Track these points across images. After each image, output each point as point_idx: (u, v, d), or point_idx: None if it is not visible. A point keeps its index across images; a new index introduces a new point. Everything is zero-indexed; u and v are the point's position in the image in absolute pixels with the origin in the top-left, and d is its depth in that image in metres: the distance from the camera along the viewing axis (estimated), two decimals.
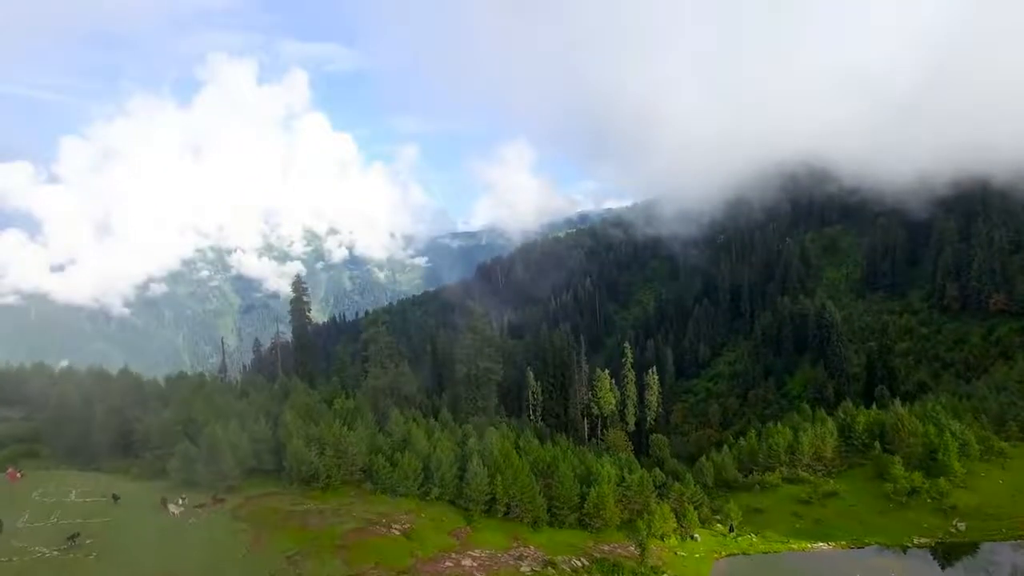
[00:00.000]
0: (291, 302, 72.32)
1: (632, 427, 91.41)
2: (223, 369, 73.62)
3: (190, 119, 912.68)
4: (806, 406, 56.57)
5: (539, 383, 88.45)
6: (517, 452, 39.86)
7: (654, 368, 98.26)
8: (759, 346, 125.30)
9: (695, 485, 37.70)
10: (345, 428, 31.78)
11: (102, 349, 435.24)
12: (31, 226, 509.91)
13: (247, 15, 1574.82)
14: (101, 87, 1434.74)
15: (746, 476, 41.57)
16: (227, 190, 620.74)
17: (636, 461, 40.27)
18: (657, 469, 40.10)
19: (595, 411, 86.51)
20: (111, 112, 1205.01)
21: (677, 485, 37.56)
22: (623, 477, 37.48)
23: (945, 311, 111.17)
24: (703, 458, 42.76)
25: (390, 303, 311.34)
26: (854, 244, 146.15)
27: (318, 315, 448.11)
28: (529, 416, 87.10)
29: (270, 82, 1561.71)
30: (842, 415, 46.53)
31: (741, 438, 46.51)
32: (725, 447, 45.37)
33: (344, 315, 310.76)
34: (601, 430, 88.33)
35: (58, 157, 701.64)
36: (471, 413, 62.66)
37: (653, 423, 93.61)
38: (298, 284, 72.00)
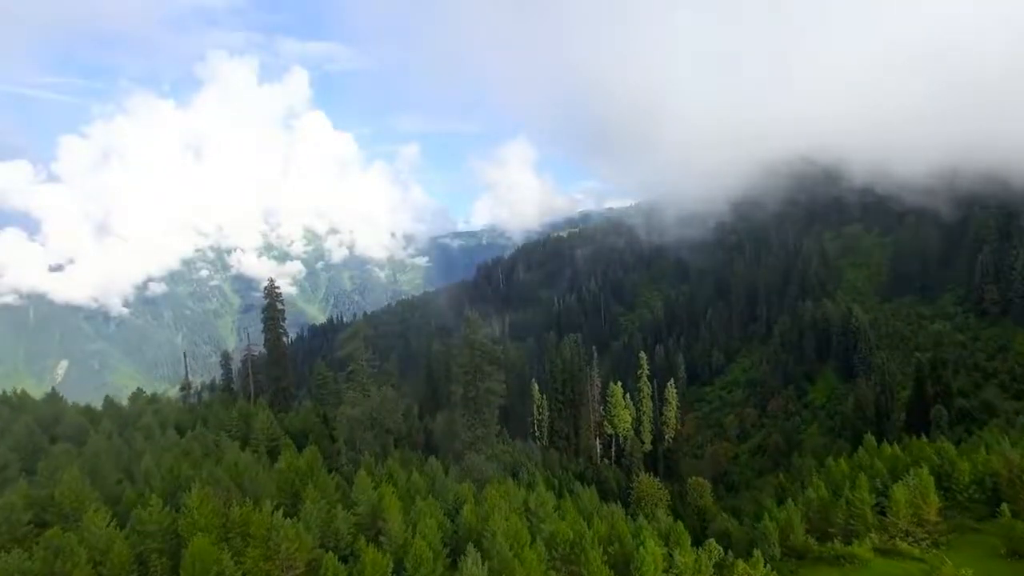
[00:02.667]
0: (263, 310, 61.69)
1: (648, 446, 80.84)
2: (186, 386, 63.08)
3: (190, 118, 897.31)
4: (870, 437, 46.12)
5: (544, 396, 77.93)
6: (527, 518, 29.38)
7: (672, 380, 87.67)
8: (778, 352, 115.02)
9: (764, 564, 27.47)
10: (279, 514, 21.16)
11: (101, 349, 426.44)
12: (30, 225, 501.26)
13: (248, 14, 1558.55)
14: (100, 86, 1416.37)
15: (822, 543, 31.35)
16: (227, 189, 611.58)
17: (683, 528, 29.67)
18: (714, 543, 29.74)
19: (608, 430, 75.87)
20: (110, 111, 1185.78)
21: (742, 564, 27.34)
22: (670, 555, 27.24)
23: (984, 316, 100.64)
24: (766, 519, 32.15)
25: (389, 304, 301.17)
26: (876, 244, 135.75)
27: (318, 315, 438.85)
28: (535, 437, 76.52)
29: (270, 81, 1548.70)
30: (935, 458, 36.01)
31: (808, 489, 35.90)
32: (790, 501, 34.71)
33: (342, 316, 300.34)
34: (615, 451, 77.76)
35: (57, 156, 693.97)
36: (469, 442, 52.03)
37: (671, 441, 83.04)
38: (271, 289, 61.26)
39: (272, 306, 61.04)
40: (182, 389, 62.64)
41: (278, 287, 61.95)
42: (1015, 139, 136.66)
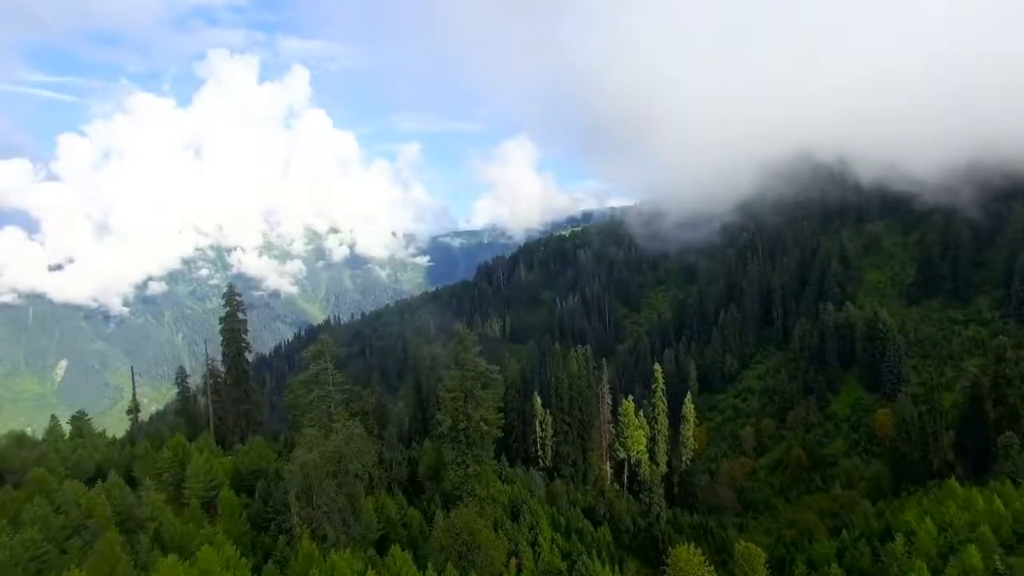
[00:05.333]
0: (221, 320, 52.03)
1: (664, 469, 71.24)
2: (133, 409, 53.44)
3: (190, 117, 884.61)
4: (954, 483, 36.59)
5: (547, 411, 68.27)
6: None
7: (689, 395, 78.08)
8: (797, 359, 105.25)
9: None
10: None
11: (101, 349, 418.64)
12: (29, 224, 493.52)
13: (248, 12, 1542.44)
14: (100, 85, 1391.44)
15: None
16: (227, 188, 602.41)
17: None
18: None
19: (620, 453, 66.22)
20: (110, 110, 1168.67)
21: None
22: None
23: None
24: None
25: (387, 304, 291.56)
26: (898, 243, 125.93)
27: (318, 314, 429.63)
28: (537, 458, 66.92)
29: (271, 80, 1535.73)
30: None
31: None
32: None
33: (340, 317, 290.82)
34: (627, 475, 68.17)
35: (57, 155, 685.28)
36: (459, 482, 42.38)
37: (689, 463, 73.43)
38: (231, 297, 51.50)
39: (232, 316, 51.35)
40: (129, 412, 53.13)
41: (239, 294, 52.28)
42: None
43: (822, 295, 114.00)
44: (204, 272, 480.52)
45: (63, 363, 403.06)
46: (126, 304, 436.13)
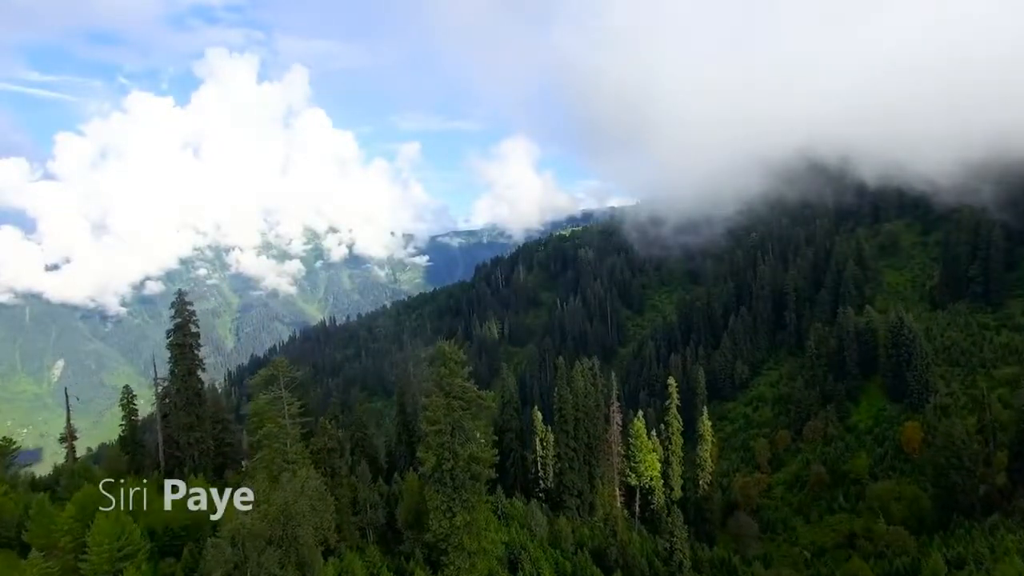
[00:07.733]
0: (169, 333, 43.80)
1: (679, 493, 63.23)
2: (67, 436, 45.15)
3: (189, 116, 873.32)
4: None
5: (548, 428, 60.19)
6: None
7: (705, 411, 69.91)
8: (814, 365, 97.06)
9: None
10: None
11: (98, 349, 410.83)
12: (26, 224, 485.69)
13: (247, 11, 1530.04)
14: (98, 84, 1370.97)
15: None
16: (226, 188, 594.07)
17: None
18: None
19: (631, 480, 58.08)
20: (108, 109, 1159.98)
21: None
22: None
23: None
24: None
25: (384, 305, 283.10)
26: (918, 243, 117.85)
27: (317, 315, 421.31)
28: (539, 479, 58.81)
29: (270, 79, 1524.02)
30: None
31: None
32: None
33: (338, 317, 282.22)
34: (639, 502, 60.04)
35: (54, 154, 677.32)
36: (445, 534, 34.12)
37: (707, 488, 65.28)
38: (181, 306, 43.21)
39: (183, 328, 43.07)
40: (62, 440, 44.90)
41: (190, 303, 44.00)
42: None
43: (838, 298, 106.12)
44: (202, 272, 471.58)
45: (60, 363, 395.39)
46: (123, 304, 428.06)
